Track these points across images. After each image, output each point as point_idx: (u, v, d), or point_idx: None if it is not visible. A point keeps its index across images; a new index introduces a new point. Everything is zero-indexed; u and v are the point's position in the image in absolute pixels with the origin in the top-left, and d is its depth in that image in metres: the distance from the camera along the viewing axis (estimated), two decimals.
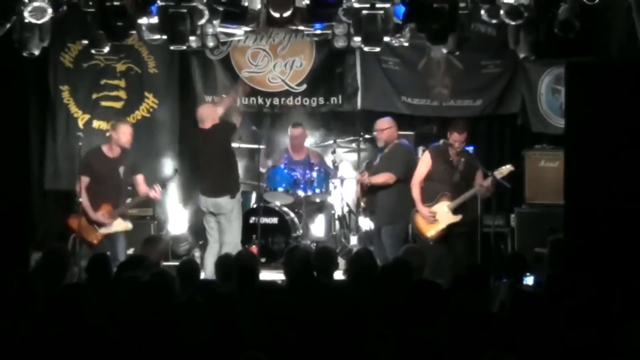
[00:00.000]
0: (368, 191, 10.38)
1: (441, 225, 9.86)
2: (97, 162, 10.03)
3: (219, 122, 10.28)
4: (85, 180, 9.95)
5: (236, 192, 10.32)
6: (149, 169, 11.96)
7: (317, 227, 11.67)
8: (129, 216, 10.31)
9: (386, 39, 10.41)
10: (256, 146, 11.08)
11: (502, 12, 9.61)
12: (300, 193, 11.18)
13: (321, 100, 12.32)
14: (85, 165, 10.07)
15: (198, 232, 11.29)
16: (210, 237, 10.32)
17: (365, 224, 11.45)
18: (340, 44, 11.17)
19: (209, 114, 10.31)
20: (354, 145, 11.53)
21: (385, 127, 10.47)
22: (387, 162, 10.28)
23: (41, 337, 5.22)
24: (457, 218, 9.80)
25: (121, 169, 10.02)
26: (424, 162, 10.08)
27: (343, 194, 11.54)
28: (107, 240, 9.94)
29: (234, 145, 10.83)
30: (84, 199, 9.89)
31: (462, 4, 9.71)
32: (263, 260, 10.79)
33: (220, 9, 10.14)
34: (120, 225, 10.01)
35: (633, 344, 5.08)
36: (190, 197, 11.52)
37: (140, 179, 10.20)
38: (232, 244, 10.09)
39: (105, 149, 10.14)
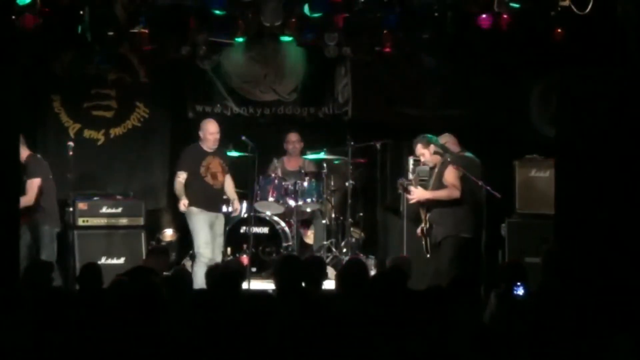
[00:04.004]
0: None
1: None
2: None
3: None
4: (37, 181, 10.17)
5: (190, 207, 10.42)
6: (140, 179, 11.98)
7: (308, 237, 11.68)
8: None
9: (377, 48, 10.46)
10: (245, 154, 11.06)
11: (493, 21, 9.65)
12: (291, 203, 11.17)
13: (312, 110, 12.32)
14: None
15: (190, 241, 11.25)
16: None
17: (355, 233, 11.47)
18: (331, 53, 11.19)
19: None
20: (345, 154, 11.52)
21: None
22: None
23: (31, 345, 5.22)
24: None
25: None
26: None
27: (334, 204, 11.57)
28: None
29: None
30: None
31: (452, 13, 9.76)
32: (254, 269, 10.80)
33: (212, 18, 10.20)
34: None
35: (618, 357, 5.08)
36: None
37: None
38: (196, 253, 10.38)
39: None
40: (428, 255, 9.72)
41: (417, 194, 9.66)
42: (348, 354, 5.13)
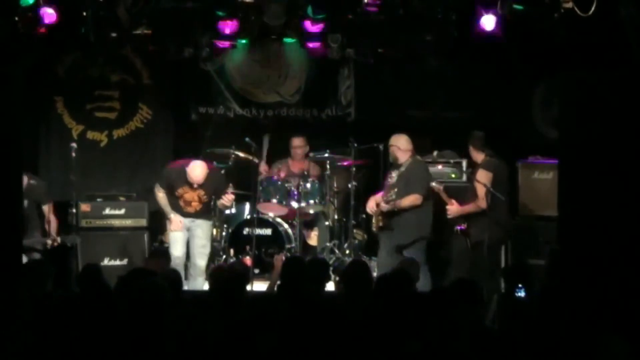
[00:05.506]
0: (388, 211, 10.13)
1: None
2: None
3: None
4: None
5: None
6: (143, 180, 11.97)
7: (311, 239, 11.67)
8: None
9: (380, 49, 10.43)
10: (249, 157, 11.08)
11: (496, 23, 9.63)
12: (294, 204, 11.17)
13: (315, 112, 12.33)
14: None
15: None
16: None
17: (358, 235, 11.46)
18: (334, 54, 11.18)
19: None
20: (348, 156, 11.51)
21: (401, 147, 10.28)
22: (407, 181, 10.05)
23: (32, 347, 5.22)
24: None
25: (25, 202, 9.77)
26: None
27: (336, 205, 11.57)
28: None
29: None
30: None
31: (455, 16, 9.74)
32: (257, 271, 10.80)
33: (215, 20, 10.19)
34: None
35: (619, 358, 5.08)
36: None
37: (46, 209, 10.43)
38: None
39: None
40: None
41: (453, 210, 10.05)
42: (350, 355, 5.12)
